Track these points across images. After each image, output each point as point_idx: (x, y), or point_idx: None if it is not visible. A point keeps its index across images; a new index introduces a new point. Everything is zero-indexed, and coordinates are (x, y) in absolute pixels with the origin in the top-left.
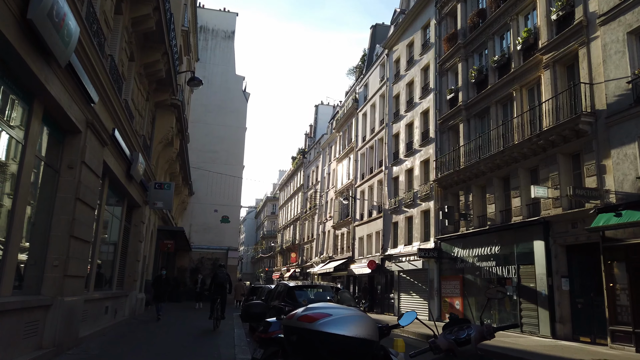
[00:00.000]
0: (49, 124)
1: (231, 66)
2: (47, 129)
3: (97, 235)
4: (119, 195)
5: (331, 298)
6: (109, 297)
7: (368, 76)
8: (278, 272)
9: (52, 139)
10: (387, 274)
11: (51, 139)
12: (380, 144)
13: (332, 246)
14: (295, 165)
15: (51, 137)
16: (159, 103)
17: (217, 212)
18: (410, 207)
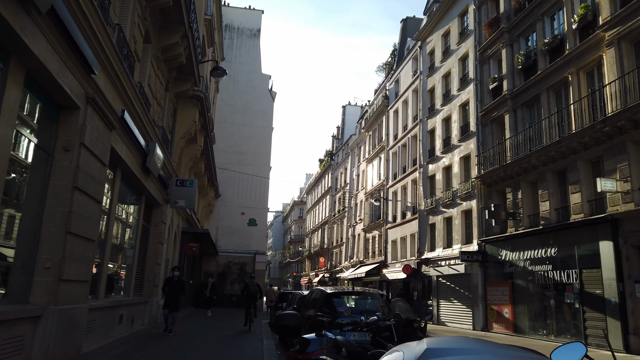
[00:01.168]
0: (38, 95)
1: (257, 65)
2: (37, 102)
3: (107, 234)
4: (135, 190)
5: (380, 308)
6: (123, 304)
7: (399, 71)
8: (306, 277)
9: (45, 115)
10: (424, 279)
11: (43, 115)
12: (413, 141)
13: (362, 250)
14: (323, 167)
15: (43, 113)
16: (180, 94)
17: (244, 215)
18: (449, 207)
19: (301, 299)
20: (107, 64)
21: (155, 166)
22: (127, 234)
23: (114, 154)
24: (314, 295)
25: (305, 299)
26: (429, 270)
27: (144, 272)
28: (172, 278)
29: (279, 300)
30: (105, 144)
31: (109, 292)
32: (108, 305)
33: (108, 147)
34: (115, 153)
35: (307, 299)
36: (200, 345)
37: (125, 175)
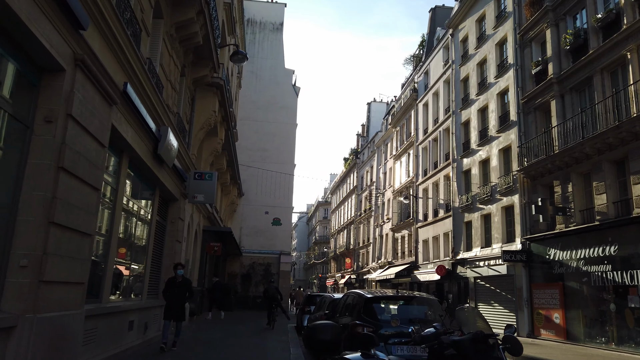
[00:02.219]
0: (13, 54)
1: (280, 60)
2: (11, 62)
3: (113, 229)
4: (146, 182)
5: (437, 317)
6: (134, 308)
7: (429, 62)
8: (332, 279)
9: (22, 79)
10: (459, 281)
11: (20, 79)
12: (445, 135)
13: (391, 250)
14: (348, 166)
15: (20, 76)
16: (198, 81)
17: (268, 214)
18: (487, 204)
19: (332, 303)
20: (102, 23)
21: (169, 154)
22: (138, 230)
23: (117, 136)
24: (350, 299)
25: (337, 303)
26: (465, 272)
27: (160, 272)
28: (174, 279)
29: (307, 303)
30: (104, 121)
31: (117, 296)
32: (115, 311)
33: (107, 125)
34: (118, 135)
35: (341, 304)
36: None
37: (134, 164)
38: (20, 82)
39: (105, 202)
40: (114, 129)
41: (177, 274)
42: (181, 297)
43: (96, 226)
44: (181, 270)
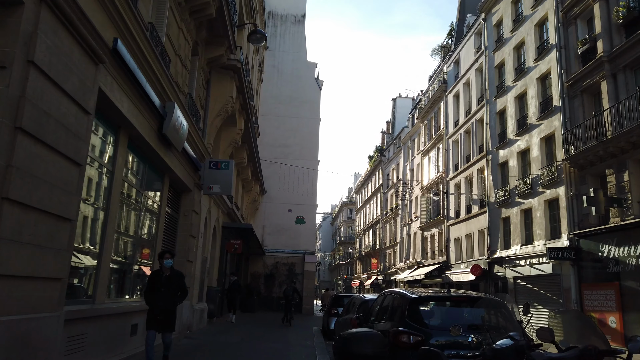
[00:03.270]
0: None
1: (302, 53)
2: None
3: (108, 216)
4: (152, 167)
5: (508, 324)
6: (138, 310)
7: (459, 51)
8: (357, 280)
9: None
10: (497, 281)
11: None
12: (479, 126)
13: (419, 250)
14: (373, 164)
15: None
16: (213, 62)
17: (291, 212)
18: (528, 197)
19: (363, 305)
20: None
21: (176, 136)
22: (143, 221)
23: (109, 105)
24: (389, 300)
25: (371, 305)
26: (503, 271)
27: None
28: (159, 273)
29: (333, 304)
30: (86, 82)
31: (117, 295)
32: (111, 313)
33: (92, 88)
34: (110, 104)
35: (376, 306)
36: None
37: (135, 144)
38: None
39: (98, 184)
40: (103, 96)
41: (164, 266)
42: (170, 297)
43: (77, 210)
44: (169, 260)
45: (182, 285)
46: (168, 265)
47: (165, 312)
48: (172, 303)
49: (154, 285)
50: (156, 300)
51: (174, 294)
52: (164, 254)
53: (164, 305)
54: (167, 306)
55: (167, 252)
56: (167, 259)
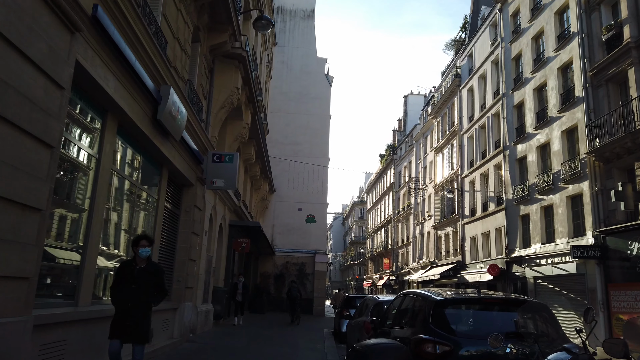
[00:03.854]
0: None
1: (312, 48)
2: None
3: (94, 208)
4: (148, 157)
5: (554, 332)
6: None
7: (473, 44)
8: (369, 280)
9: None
10: (516, 281)
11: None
12: (495, 120)
13: (433, 249)
14: (384, 163)
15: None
16: (215, 49)
17: (301, 211)
18: (548, 193)
19: (377, 307)
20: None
21: (173, 123)
22: (137, 215)
23: (93, 84)
24: (409, 303)
25: (387, 307)
26: (523, 271)
27: (172, 270)
28: (131, 265)
29: (345, 305)
30: (57, 49)
31: (106, 296)
32: (98, 316)
33: (66, 59)
34: (92, 82)
35: (393, 309)
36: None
37: (127, 130)
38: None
39: (82, 173)
40: (83, 72)
41: (139, 256)
42: (143, 297)
43: (49, 199)
44: (146, 249)
45: (160, 283)
46: (144, 255)
47: (135, 317)
48: (145, 305)
49: (122, 280)
50: (124, 299)
51: (149, 293)
52: (140, 240)
53: (135, 308)
54: (138, 308)
55: (144, 237)
56: (143, 246)
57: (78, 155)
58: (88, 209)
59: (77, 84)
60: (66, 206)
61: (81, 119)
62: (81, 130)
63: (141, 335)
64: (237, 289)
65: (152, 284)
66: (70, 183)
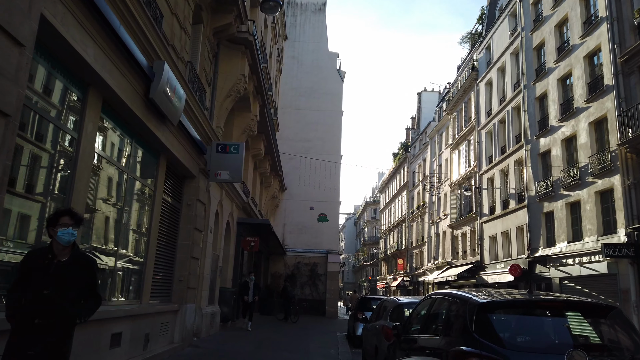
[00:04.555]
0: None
1: (323, 42)
2: None
3: (69, 195)
4: (142, 143)
5: (625, 341)
6: (119, 316)
7: (491, 35)
8: (383, 282)
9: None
10: (539, 282)
11: None
12: (515, 114)
13: (450, 249)
14: (397, 162)
15: None
16: (220, 32)
17: (313, 210)
18: (575, 189)
19: (397, 310)
20: None
21: (169, 105)
22: (129, 208)
23: (68, 50)
24: (442, 306)
25: (411, 311)
26: (547, 271)
27: (173, 268)
28: (43, 256)
29: (360, 308)
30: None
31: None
32: None
33: (25, 11)
34: (66, 47)
35: (419, 313)
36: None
37: (115, 110)
38: None
39: (57, 153)
40: (52, 31)
41: (58, 241)
42: (59, 305)
43: (4, 180)
44: (69, 230)
45: (92, 284)
46: (67, 240)
47: (47, 339)
48: (65, 320)
49: (30, 272)
50: (32, 309)
51: (72, 299)
52: (60, 218)
53: (47, 325)
54: (53, 326)
55: (66, 212)
56: (64, 226)
57: (54, 135)
58: (65, 196)
59: (47, 46)
60: (36, 191)
61: (55, 90)
62: (56, 103)
63: (58, 353)
64: (247, 288)
65: (79, 286)
66: (43, 163)
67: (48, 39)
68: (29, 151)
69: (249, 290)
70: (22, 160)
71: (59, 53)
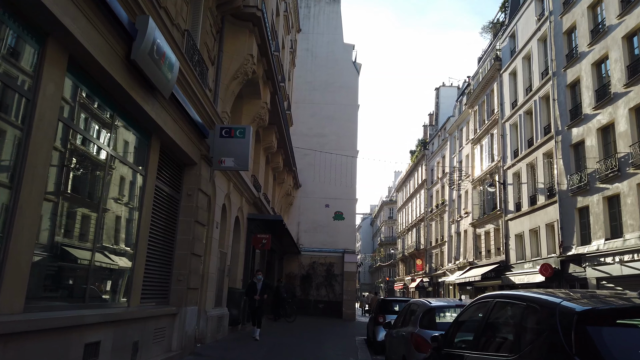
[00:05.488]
0: None
1: (338, 34)
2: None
3: (22, 171)
4: (126, 118)
5: None
6: (97, 322)
7: (516, 22)
8: (400, 283)
9: None
10: (574, 283)
11: None
12: (543, 103)
13: (472, 249)
14: (415, 159)
15: None
16: (224, 4)
17: (328, 208)
18: (613, 181)
19: (429, 314)
20: None
21: (157, 71)
22: (108, 194)
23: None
24: (507, 312)
25: (456, 317)
26: (582, 271)
27: (171, 266)
28: None
29: (380, 310)
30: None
31: (55, 299)
32: (38, 328)
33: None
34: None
35: (472, 320)
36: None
37: (87, 72)
38: None
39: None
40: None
41: None
42: None
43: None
44: None
45: None
46: None
47: None
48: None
49: None
50: None
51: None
52: None
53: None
54: None
55: None
56: None
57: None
58: (13, 172)
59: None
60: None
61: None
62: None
63: None
64: (255, 290)
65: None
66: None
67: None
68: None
69: (256, 293)
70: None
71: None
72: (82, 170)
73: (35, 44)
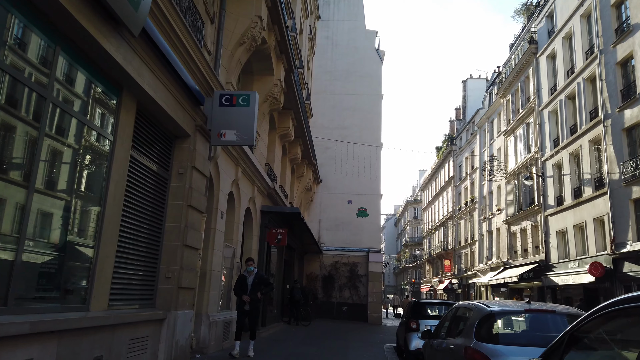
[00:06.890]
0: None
1: (360, 21)
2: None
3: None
4: (84, 62)
5: None
6: (47, 330)
7: (554, 0)
8: (427, 284)
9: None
10: (630, 283)
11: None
12: (588, 85)
13: (506, 248)
14: (441, 155)
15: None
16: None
17: (351, 204)
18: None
19: (488, 323)
20: None
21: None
22: (54, 160)
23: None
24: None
25: (567, 333)
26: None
27: (157, 261)
28: None
29: (412, 315)
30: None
31: (20, 302)
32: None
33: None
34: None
35: (592, 340)
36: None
37: None
38: None
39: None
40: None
41: None
42: None
43: None
44: None
45: None
46: None
47: None
48: None
49: None
50: None
51: None
52: None
53: None
54: None
55: None
56: None
57: None
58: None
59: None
60: None
61: None
62: None
63: None
64: (245, 286)
65: None
66: None
67: None
68: None
69: (247, 289)
70: None
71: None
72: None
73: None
